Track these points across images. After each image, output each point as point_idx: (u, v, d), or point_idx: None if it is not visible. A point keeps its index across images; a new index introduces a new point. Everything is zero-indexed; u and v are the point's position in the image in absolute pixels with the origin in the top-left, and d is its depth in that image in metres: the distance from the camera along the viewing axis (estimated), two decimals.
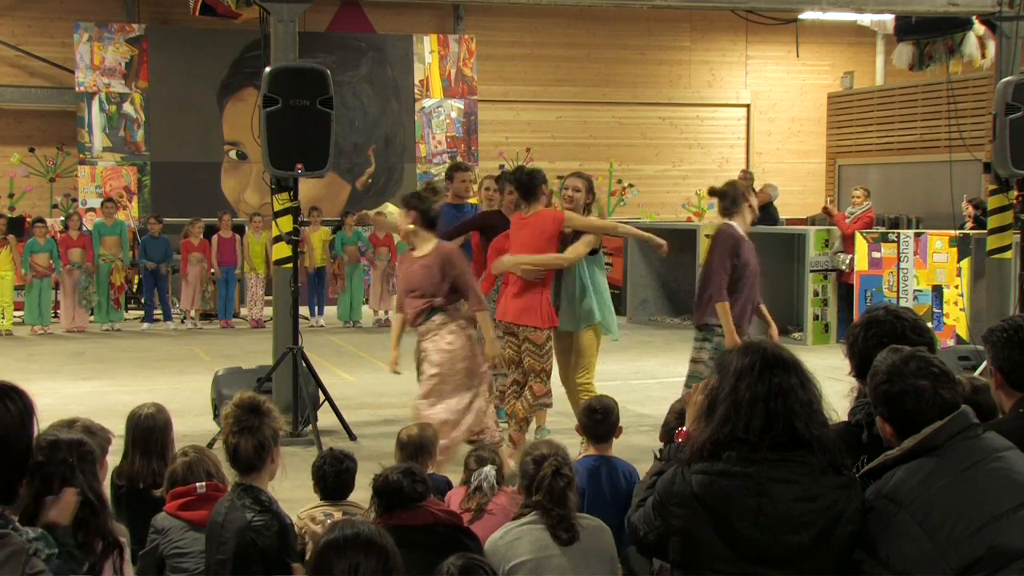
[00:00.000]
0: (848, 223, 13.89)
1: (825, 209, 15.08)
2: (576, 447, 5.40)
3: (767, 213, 15.28)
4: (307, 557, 3.88)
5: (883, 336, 3.50)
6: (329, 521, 4.25)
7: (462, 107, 19.73)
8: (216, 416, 8.33)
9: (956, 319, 13.20)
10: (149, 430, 4.80)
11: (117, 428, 4.71)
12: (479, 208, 9.20)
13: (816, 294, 13.69)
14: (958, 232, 13.41)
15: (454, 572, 3.07)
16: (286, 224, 8.42)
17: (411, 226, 7.24)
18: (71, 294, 14.87)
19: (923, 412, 3.10)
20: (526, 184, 7.65)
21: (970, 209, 14.54)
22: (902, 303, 12.81)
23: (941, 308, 13.30)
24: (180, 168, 18.30)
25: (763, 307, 8.07)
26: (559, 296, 7.72)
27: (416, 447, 5.00)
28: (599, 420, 5.10)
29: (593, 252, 7.72)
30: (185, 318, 15.60)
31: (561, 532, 3.86)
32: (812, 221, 15.71)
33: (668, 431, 4.17)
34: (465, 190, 9.17)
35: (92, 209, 17.18)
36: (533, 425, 8.08)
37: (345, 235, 15.82)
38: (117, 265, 15.07)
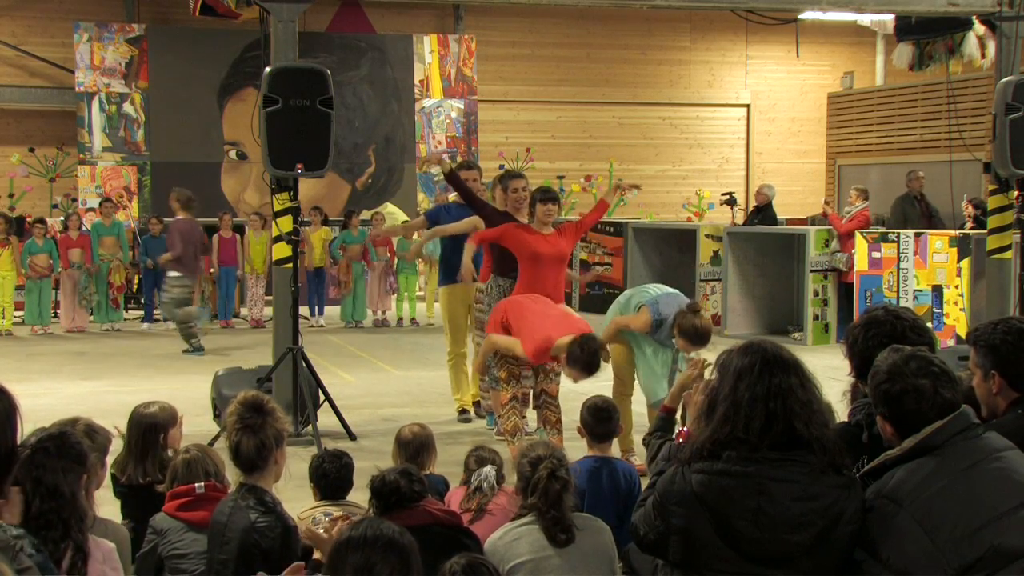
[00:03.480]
0: (844, 222, 13.90)
1: (823, 213, 15.12)
2: (579, 451, 5.38)
3: (765, 213, 15.29)
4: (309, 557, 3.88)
5: (883, 336, 3.49)
6: (327, 520, 4.24)
7: (462, 107, 19.73)
8: (216, 416, 8.32)
9: (956, 319, 13.20)
10: (140, 425, 4.81)
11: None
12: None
13: (816, 294, 13.69)
14: (958, 232, 13.41)
15: (457, 571, 3.07)
16: (286, 224, 8.41)
17: None
18: (71, 294, 14.87)
19: (923, 412, 3.10)
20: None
21: (970, 209, 14.54)
22: (902, 303, 12.81)
23: (941, 308, 13.29)
24: (180, 168, 18.29)
25: None
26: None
27: (416, 446, 5.00)
28: (604, 419, 5.09)
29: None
30: None
31: (558, 534, 3.85)
32: (812, 221, 15.71)
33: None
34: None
35: (92, 209, 17.17)
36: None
37: (350, 234, 15.81)
38: (116, 265, 15.07)
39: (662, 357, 7.28)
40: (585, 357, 6.54)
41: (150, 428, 4.79)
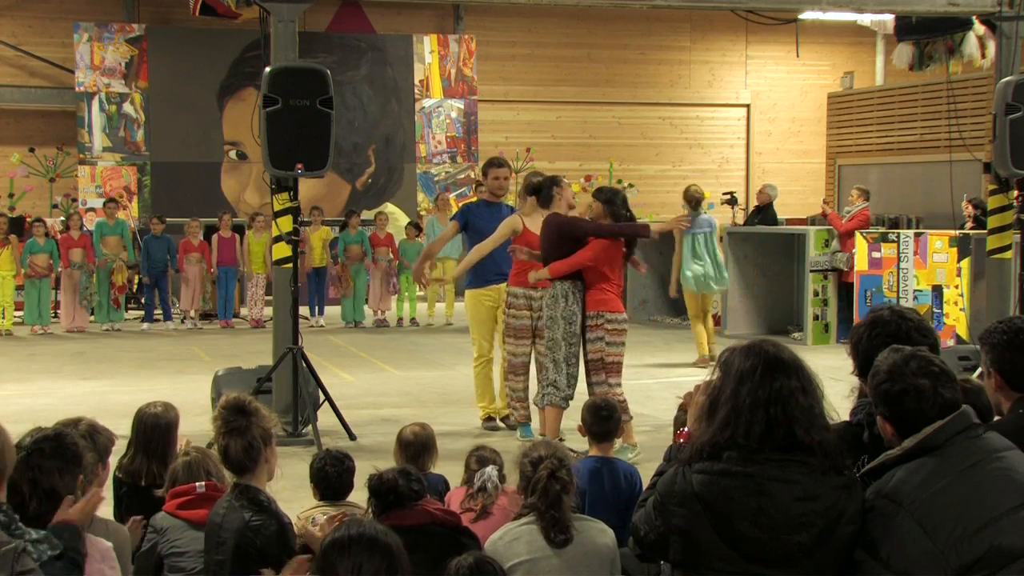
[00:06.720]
0: (844, 222, 13.90)
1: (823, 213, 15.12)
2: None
3: (766, 213, 15.29)
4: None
5: (887, 336, 3.48)
6: (324, 520, 4.24)
7: (462, 107, 19.74)
8: None
9: (956, 319, 13.20)
10: (152, 428, 4.78)
11: (117, 428, 4.70)
12: (514, 209, 8.98)
13: (816, 294, 13.68)
14: (958, 232, 13.40)
15: (463, 569, 3.06)
16: (286, 224, 8.41)
17: None
18: (71, 294, 14.87)
19: (924, 411, 3.10)
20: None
21: (970, 209, 14.54)
22: (902, 303, 12.80)
23: (941, 308, 13.30)
24: (180, 168, 18.31)
25: None
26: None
27: (418, 447, 4.99)
28: (604, 418, 5.08)
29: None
30: (185, 318, 15.59)
31: (556, 534, 3.84)
32: (812, 221, 15.71)
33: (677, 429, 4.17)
34: (499, 187, 8.89)
35: (92, 209, 17.18)
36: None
37: (349, 235, 15.81)
38: (119, 265, 15.07)
39: None
40: None
41: (165, 429, 4.78)
